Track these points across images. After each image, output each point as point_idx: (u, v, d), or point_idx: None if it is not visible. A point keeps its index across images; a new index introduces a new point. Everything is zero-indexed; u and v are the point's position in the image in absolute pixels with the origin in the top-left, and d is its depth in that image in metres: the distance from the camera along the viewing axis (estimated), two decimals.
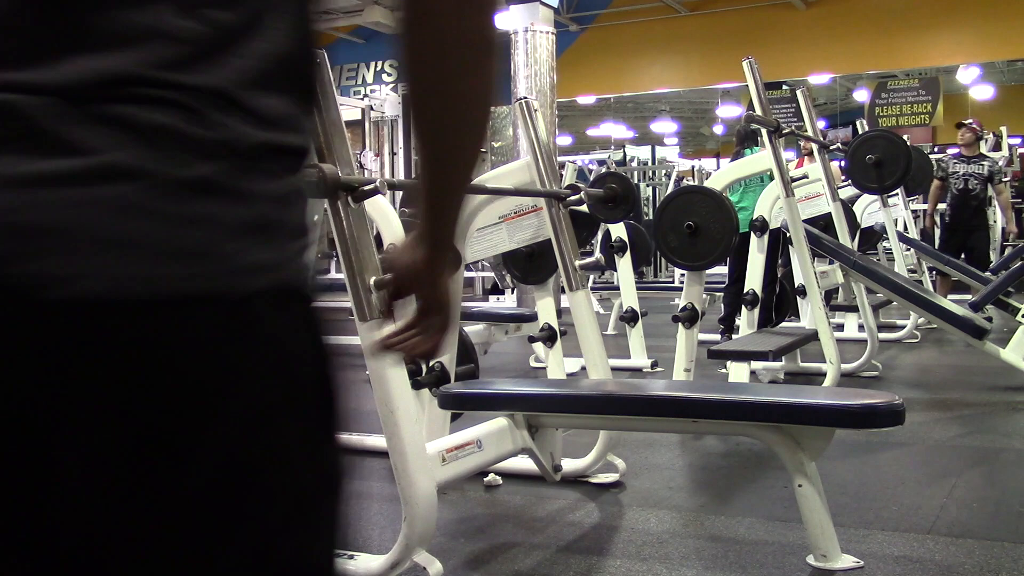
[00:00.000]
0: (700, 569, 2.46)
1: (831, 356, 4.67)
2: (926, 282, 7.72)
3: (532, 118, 3.29)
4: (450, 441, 2.53)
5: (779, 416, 2.37)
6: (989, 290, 5.52)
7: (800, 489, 2.38)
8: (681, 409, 2.53)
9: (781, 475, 3.05)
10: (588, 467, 3.26)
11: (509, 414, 2.74)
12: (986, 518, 2.83)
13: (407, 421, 2.23)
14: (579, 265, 3.21)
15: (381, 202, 3.62)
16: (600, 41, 13.67)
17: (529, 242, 3.38)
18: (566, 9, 13.35)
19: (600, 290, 9.16)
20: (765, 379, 5.29)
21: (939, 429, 4.10)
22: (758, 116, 4.35)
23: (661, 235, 4.32)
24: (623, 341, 6.36)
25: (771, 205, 4.92)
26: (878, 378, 5.47)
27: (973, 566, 2.41)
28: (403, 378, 2.28)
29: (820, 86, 16.54)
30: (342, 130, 2.32)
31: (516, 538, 2.75)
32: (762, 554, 2.55)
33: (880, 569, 2.40)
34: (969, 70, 14.09)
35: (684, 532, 2.78)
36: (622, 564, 2.51)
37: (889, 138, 6.14)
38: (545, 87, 9.35)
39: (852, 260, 5.25)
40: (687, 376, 4.35)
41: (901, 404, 2.29)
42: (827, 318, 4.76)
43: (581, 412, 2.73)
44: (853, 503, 2.98)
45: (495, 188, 3.30)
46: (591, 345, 3.18)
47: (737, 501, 3.12)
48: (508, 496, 3.18)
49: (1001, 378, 5.29)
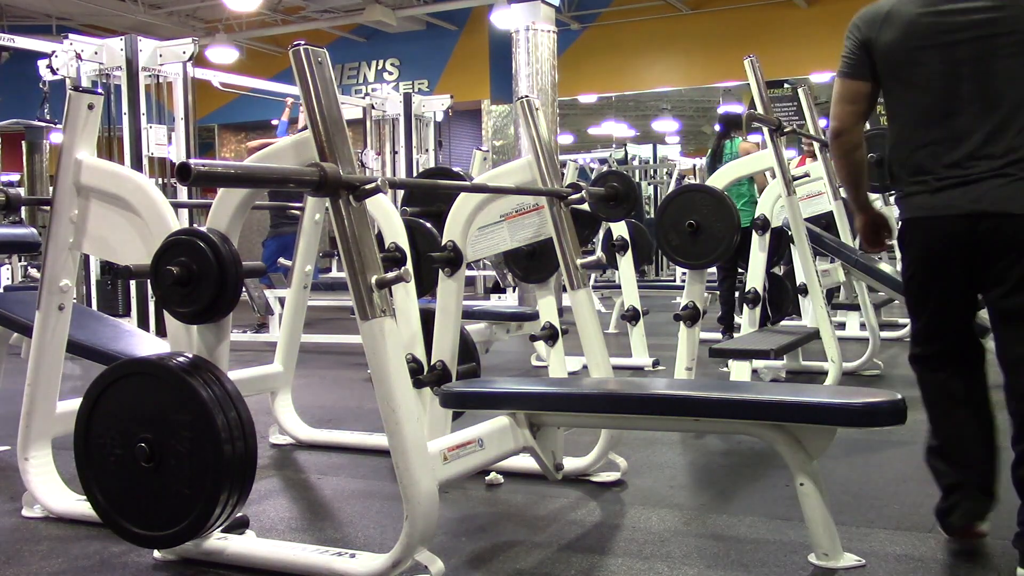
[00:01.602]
0: (702, 568, 2.46)
1: (833, 355, 4.67)
2: None
3: (533, 117, 3.29)
4: (452, 440, 2.53)
5: (781, 415, 2.36)
6: None
7: (802, 488, 2.38)
8: (683, 408, 2.52)
9: (783, 474, 3.05)
10: (590, 466, 3.27)
11: (511, 413, 2.74)
12: (987, 517, 2.82)
13: (409, 420, 2.23)
14: (580, 264, 3.20)
15: (383, 201, 3.63)
16: (601, 40, 13.66)
17: (530, 241, 3.37)
18: (567, 8, 13.34)
19: (602, 288, 9.16)
20: (767, 378, 5.29)
21: None
22: (760, 115, 4.35)
23: (662, 233, 4.32)
24: (625, 340, 6.36)
25: (772, 204, 4.92)
26: (880, 377, 5.47)
27: (974, 565, 2.41)
28: (405, 377, 2.27)
29: (822, 84, 16.52)
30: (344, 129, 2.32)
31: (518, 537, 2.75)
32: (764, 553, 2.55)
33: (882, 568, 2.40)
34: None
35: (686, 531, 2.78)
36: (624, 563, 2.51)
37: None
38: (546, 85, 9.34)
39: (854, 259, 5.25)
40: (689, 375, 4.35)
41: (903, 403, 2.29)
42: (829, 317, 4.76)
43: (583, 411, 2.73)
44: (855, 502, 2.98)
45: (496, 187, 3.30)
46: (592, 344, 3.18)
47: (739, 500, 3.12)
48: (510, 495, 3.19)
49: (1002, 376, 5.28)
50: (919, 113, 2.41)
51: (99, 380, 2.45)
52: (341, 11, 13.77)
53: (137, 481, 2.37)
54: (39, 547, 2.70)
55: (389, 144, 10.83)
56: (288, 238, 7.37)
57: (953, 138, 2.34)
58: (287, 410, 4.04)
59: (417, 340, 3.39)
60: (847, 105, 2.52)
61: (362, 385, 5.56)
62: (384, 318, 2.24)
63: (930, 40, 2.36)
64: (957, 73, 2.34)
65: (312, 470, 3.65)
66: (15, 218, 4.19)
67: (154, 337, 4.38)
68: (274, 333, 7.43)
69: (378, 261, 2.27)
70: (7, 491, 3.26)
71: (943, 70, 2.35)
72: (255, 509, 2.99)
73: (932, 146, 2.37)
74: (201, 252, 2.36)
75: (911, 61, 2.39)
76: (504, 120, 13.88)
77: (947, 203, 2.34)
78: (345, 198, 2.23)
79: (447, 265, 3.29)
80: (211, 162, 2.09)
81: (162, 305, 2.49)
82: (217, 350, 2.53)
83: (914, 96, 2.41)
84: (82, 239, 2.83)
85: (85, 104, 2.83)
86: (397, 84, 14.31)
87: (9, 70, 9.98)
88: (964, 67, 2.33)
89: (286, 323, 3.98)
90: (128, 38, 7.72)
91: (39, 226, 6.79)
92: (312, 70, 2.29)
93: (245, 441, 2.33)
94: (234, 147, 16.89)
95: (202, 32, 13.83)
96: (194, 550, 2.48)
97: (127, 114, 7.66)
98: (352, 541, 2.71)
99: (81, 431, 2.46)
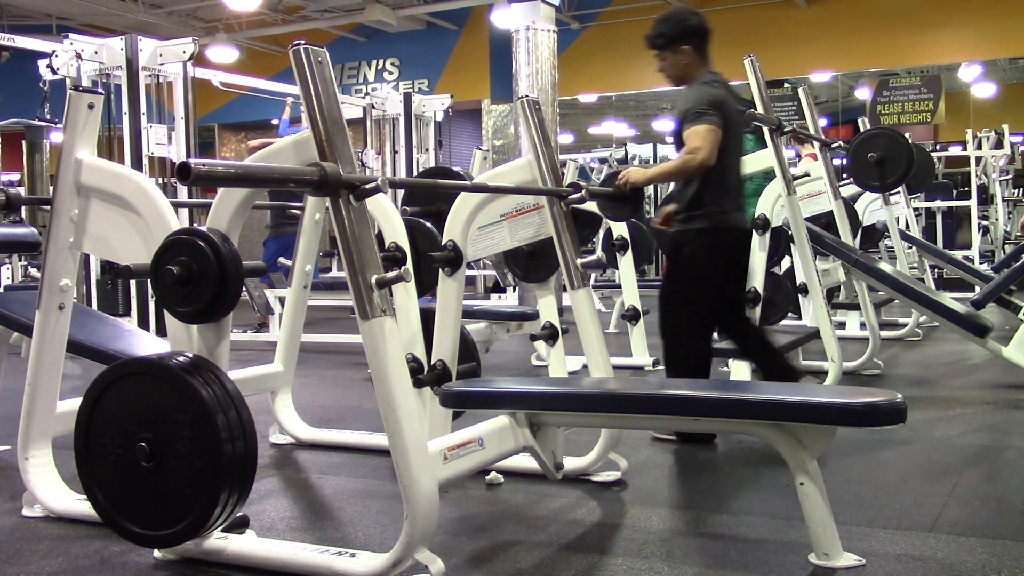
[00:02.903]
0: (702, 567, 2.46)
1: (833, 354, 4.67)
2: (928, 280, 7.72)
3: (534, 116, 3.29)
4: (452, 439, 2.53)
5: (781, 414, 2.36)
6: (991, 288, 5.51)
7: (802, 487, 2.38)
8: (683, 407, 2.53)
9: (783, 473, 3.05)
10: (590, 465, 3.27)
11: (511, 412, 2.74)
12: (988, 516, 2.83)
13: (409, 419, 2.23)
14: (580, 263, 3.20)
15: (383, 200, 3.63)
16: (601, 39, 13.66)
17: (531, 240, 3.37)
18: (567, 7, 13.34)
19: (602, 288, 9.16)
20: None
21: (941, 427, 4.10)
22: (760, 114, 4.35)
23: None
24: (625, 339, 6.37)
25: (772, 203, 4.92)
26: (880, 376, 5.48)
27: (975, 564, 2.41)
28: (405, 376, 2.27)
29: (822, 84, 16.52)
30: (344, 128, 2.32)
31: (518, 536, 2.75)
32: (764, 552, 2.55)
33: (882, 567, 2.40)
34: (971, 68, 14.07)
35: (686, 530, 2.78)
36: (624, 562, 2.51)
37: (891, 136, 6.13)
38: (546, 85, 9.34)
39: (854, 258, 5.25)
40: None
41: (903, 402, 2.29)
42: (829, 316, 4.76)
43: (583, 410, 2.73)
44: (855, 501, 2.98)
45: (497, 186, 3.30)
46: (593, 343, 3.18)
47: (739, 499, 3.12)
48: (510, 494, 3.19)
49: (1003, 376, 5.29)
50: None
51: (99, 380, 2.45)
52: (341, 11, 13.77)
53: (137, 481, 2.37)
54: (39, 546, 2.70)
55: (389, 144, 10.82)
56: (288, 238, 7.37)
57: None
58: (287, 410, 4.04)
59: (417, 340, 3.39)
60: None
61: (362, 385, 5.56)
62: (384, 318, 2.24)
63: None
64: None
65: (312, 470, 3.65)
66: (15, 218, 4.18)
67: (154, 337, 4.38)
68: (274, 333, 7.43)
69: (378, 261, 2.27)
70: (7, 491, 3.26)
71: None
72: (255, 509, 2.99)
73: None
74: (201, 252, 2.36)
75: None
76: (504, 120, 13.88)
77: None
78: (345, 198, 2.23)
79: (447, 265, 3.29)
80: (211, 162, 2.09)
81: (162, 305, 2.49)
82: (217, 350, 2.53)
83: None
84: (82, 239, 2.83)
85: (85, 104, 2.83)
86: (397, 84, 14.31)
87: (9, 70, 9.99)
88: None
89: (286, 323, 3.99)
90: (128, 38, 7.72)
91: (39, 226, 6.79)
92: (312, 69, 2.29)
93: (245, 441, 2.33)
94: (234, 147, 16.90)
95: (202, 32, 13.83)
96: (194, 550, 2.48)
97: (127, 114, 7.65)
98: (352, 540, 2.71)
99: (81, 430, 2.46)
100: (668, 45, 3.84)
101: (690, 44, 3.84)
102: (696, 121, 3.66)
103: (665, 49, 3.85)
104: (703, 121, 3.65)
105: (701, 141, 3.62)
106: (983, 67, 14.37)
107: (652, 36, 3.87)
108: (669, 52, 3.86)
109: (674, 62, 3.87)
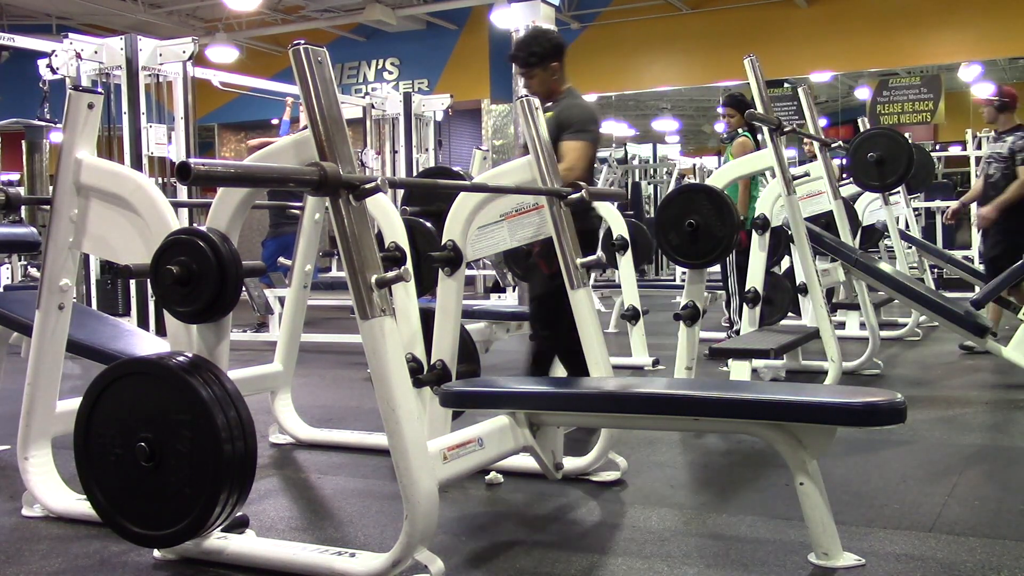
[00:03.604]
0: (702, 567, 2.46)
1: (832, 354, 4.67)
2: (928, 280, 7.72)
3: (533, 116, 3.29)
4: (451, 439, 2.53)
5: (781, 414, 2.36)
6: (991, 288, 5.50)
7: (802, 487, 2.38)
8: (682, 407, 2.52)
9: (783, 473, 3.05)
10: (589, 465, 3.27)
11: (510, 412, 2.74)
12: (988, 516, 2.83)
13: (409, 419, 2.23)
14: (580, 263, 3.20)
15: (382, 200, 3.63)
16: (601, 39, 13.66)
17: (530, 240, 3.37)
18: (567, 7, 13.34)
19: (602, 288, 9.15)
20: (766, 377, 5.29)
21: (940, 427, 4.10)
22: (760, 114, 4.35)
23: (662, 233, 4.31)
24: (624, 339, 6.36)
25: (772, 203, 4.92)
26: (879, 376, 5.47)
27: (975, 564, 2.41)
28: (405, 376, 2.27)
29: (822, 84, 16.52)
30: (343, 128, 2.32)
31: (517, 536, 2.75)
32: (764, 552, 2.55)
33: (881, 567, 2.40)
34: (971, 68, 14.06)
35: (686, 530, 2.78)
36: (623, 562, 2.51)
37: (891, 136, 6.14)
38: None
39: (853, 258, 5.24)
40: (688, 374, 4.35)
41: (902, 402, 2.29)
42: (828, 316, 4.76)
43: (582, 410, 2.73)
44: (854, 501, 2.98)
45: (496, 186, 3.30)
46: (592, 343, 3.18)
47: (738, 499, 3.12)
48: (509, 494, 3.19)
49: (1002, 376, 5.29)
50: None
51: (99, 379, 2.45)
52: (341, 10, 13.76)
53: (137, 480, 2.37)
54: (39, 546, 2.70)
55: (389, 143, 10.82)
56: (288, 238, 7.36)
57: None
58: (287, 409, 4.04)
59: (417, 339, 3.39)
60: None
61: (362, 385, 5.56)
62: (384, 317, 2.24)
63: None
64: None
65: (312, 469, 3.65)
66: (15, 217, 4.19)
67: (154, 336, 4.38)
68: (274, 332, 7.43)
69: (378, 260, 2.27)
70: (7, 490, 3.26)
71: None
72: (255, 508, 2.99)
73: None
74: (201, 251, 2.36)
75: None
76: (504, 119, 13.87)
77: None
78: (345, 197, 2.23)
79: (447, 264, 3.29)
80: (211, 161, 2.09)
81: (162, 304, 2.49)
82: (217, 349, 2.53)
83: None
84: (82, 238, 2.83)
85: (85, 103, 2.83)
86: (397, 83, 14.31)
87: (9, 69, 9.97)
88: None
89: (286, 322, 3.98)
90: (128, 37, 7.72)
91: (39, 225, 6.78)
92: (312, 69, 2.29)
93: (245, 440, 2.33)
94: (234, 146, 16.89)
95: (202, 31, 13.83)
96: (194, 549, 2.48)
97: (127, 113, 7.65)
98: (352, 540, 2.71)
99: (81, 430, 2.46)
100: (540, 63, 3.97)
101: (558, 60, 3.99)
102: (579, 137, 3.82)
103: (536, 67, 3.98)
104: (584, 138, 3.83)
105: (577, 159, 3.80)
106: (983, 67, 14.36)
107: (524, 56, 3.98)
108: (540, 70, 3.98)
109: (543, 79, 3.99)
